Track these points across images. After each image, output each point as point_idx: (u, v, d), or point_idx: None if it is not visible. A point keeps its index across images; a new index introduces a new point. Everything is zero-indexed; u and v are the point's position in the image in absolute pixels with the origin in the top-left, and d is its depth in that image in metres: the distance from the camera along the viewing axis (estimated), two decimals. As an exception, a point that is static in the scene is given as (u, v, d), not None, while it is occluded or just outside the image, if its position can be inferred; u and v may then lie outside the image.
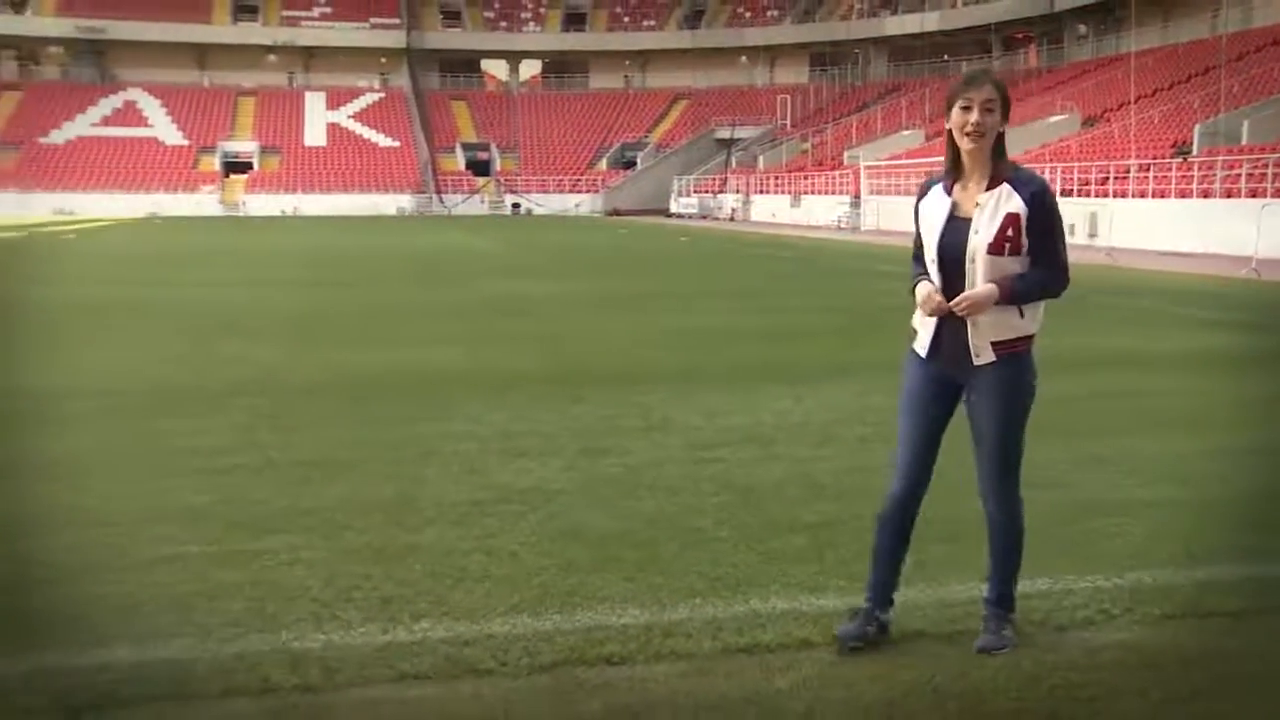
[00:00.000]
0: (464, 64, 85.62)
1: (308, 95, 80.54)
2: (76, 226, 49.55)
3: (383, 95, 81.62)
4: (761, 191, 62.53)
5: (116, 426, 8.23)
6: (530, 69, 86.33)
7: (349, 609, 4.52)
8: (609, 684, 3.90)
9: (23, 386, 9.89)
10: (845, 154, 58.91)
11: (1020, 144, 47.65)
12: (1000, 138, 4.03)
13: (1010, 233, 3.94)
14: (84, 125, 74.55)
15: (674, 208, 67.92)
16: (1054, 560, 5.05)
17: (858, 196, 49.80)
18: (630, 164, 77.52)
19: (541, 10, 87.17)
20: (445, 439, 7.59)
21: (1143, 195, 35.06)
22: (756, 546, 5.33)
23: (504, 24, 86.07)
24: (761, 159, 70.58)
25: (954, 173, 4.09)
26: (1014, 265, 3.96)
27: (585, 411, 8.58)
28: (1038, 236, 3.98)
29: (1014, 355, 4.08)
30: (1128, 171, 37.00)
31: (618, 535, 5.50)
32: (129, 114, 76.33)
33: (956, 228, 4.02)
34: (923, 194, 4.20)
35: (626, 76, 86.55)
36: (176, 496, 6.23)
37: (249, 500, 6.14)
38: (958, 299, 3.98)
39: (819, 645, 4.15)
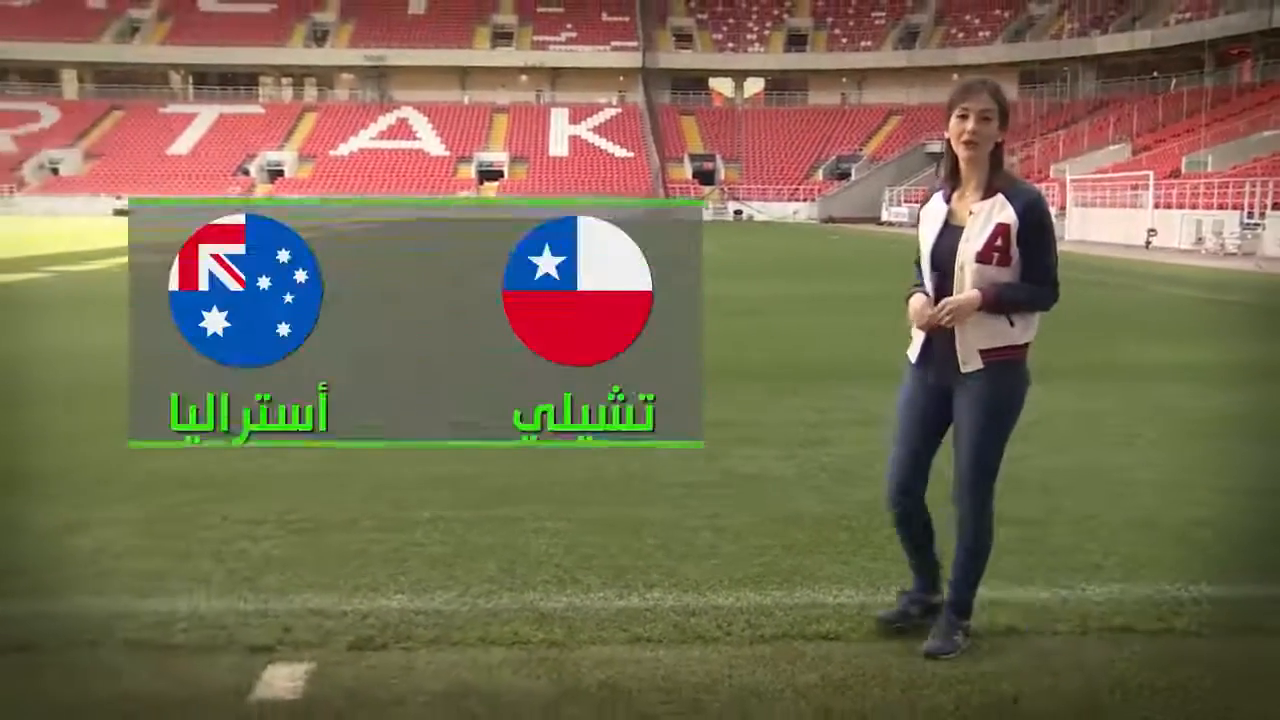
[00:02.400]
0: (693, 82, 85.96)
1: (553, 111, 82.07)
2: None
3: (619, 110, 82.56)
4: (969, 203, 60.75)
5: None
6: (754, 86, 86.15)
7: (588, 575, 4.59)
8: (826, 658, 3.85)
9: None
10: (1052, 167, 56.77)
11: (1228, 159, 45.13)
12: (998, 148, 3.77)
13: (1000, 243, 3.69)
14: (365, 139, 77.81)
15: (885, 216, 66.70)
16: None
17: (1063, 208, 47.88)
18: (845, 175, 76.44)
19: (766, 33, 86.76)
20: (674, 424, 7.63)
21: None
22: (965, 536, 5.19)
23: (731, 45, 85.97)
24: (969, 172, 68.64)
25: (952, 181, 3.85)
26: (1002, 275, 3.71)
27: (801, 404, 8.50)
28: (1029, 249, 3.71)
29: (1004, 364, 3.79)
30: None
31: (833, 520, 5.42)
32: (401, 129, 79.28)
33: (950, 235, 3.79)
34: (925, 201, 3.97)
35: (843, 93, 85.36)
36: (441, 465, 6.41)
37: (501, 473, 6.25)
38: (939, 305, 3.73)
39: (1026, 633, 4.02)
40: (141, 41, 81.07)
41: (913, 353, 3.96)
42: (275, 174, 74.37)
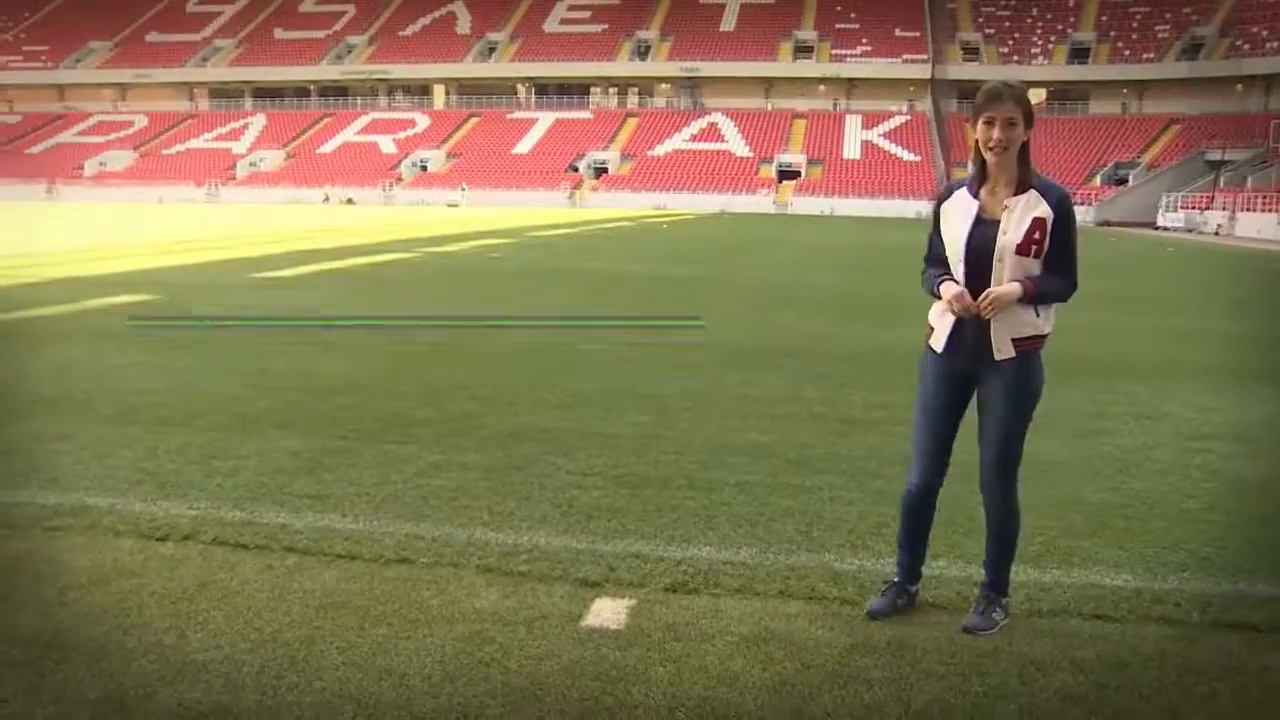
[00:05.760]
0: (978, 92, 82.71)
1: (847, 117, 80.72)
2: (669, 218, 52.62)
3: (909, 118, 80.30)
4: (1248, 210, 55.68)
5: (698, 374, 8.57)
6: (1036, 96, 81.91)
7: (878, 542, 4.49)
8: (1102, 636, 3.65)
9: (629, 339, 10.60)
10: (1336, 175, 51.17)
11: None
12: (1025, 146, 3.50)
13: (1037, 235, 3.49)
14: (678, 141, 78.99)
15: (1160, 221, 62.00)
16: None
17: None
18: (1122, 181, 71.51)
19: (1050, 46, 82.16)
20: (957, 408, 7.35)
21: None
22: (1244, 532, 4.77)
23: (1016, 58, 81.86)
24: (1250, 180, 62.78)
25: (979, 178, 3.58)
26: (1035, 267, 3.48)
27: (1077, 397, 8.01)
28: (1058, 242, 3.51)
29: (1032, 354, 3.62)
30: None
31: (1111, 507, 5.10)
32: (710, 132, 79.98)
33: (984, 229, 3.53)
34: (945, 197, 3.69)
35: (1124, 103, 79.90)
36: (743, 435, 6.44)
37: (798, 444, 6.23)
38: (984, 295, 3.48)
39: (1313, 631, 3.65)
40: (496, 59, 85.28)
41: (938, 342, 3.71)
42: (600, 171, 76.64)
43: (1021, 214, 3.53)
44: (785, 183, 74.23)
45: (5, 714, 3.02)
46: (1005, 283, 3.53)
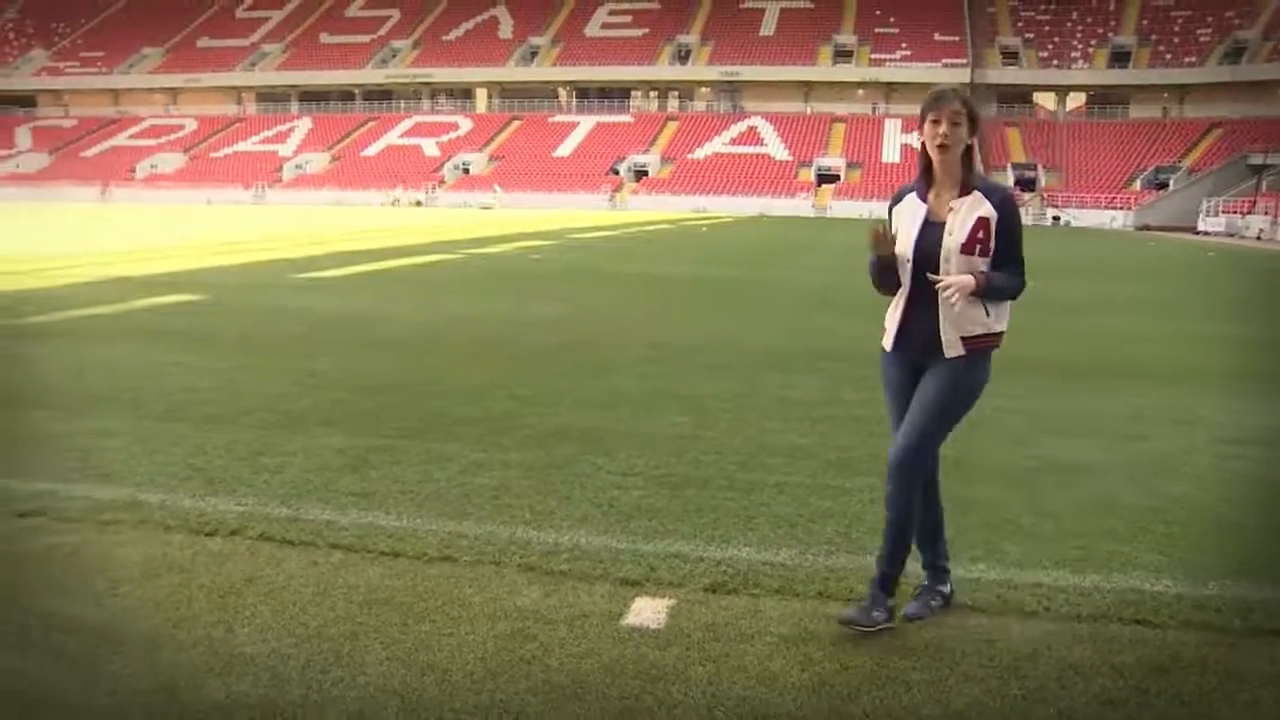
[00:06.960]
0: (1018, 96, 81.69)
1: (886, 122, 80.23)
2: (708, 221, 52.48)
3: (948, 122, 79.80)
4: (1290, 213, 54.72)
5: (737, 376, 8.54)
6: (1076, 99, 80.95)
7: (917, 544, 4.46)
8: (1142, 641, 3.59)
9: (667, 341, 10.59)
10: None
11: None
12: (969, 150, 3.52)
13: (981, 235, 3.50)
14: (718, 145, 78.85)
15: (1201, 226, 61.08)
16: None
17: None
18: (1162, 185, 70.48)
19: (1090, 50, 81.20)
20: (995, 412, 7.26)
21: None
22: (1287, 539, 4.70)
23: (1055, 62, 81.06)
24: (1293, 183, 61.76)
25: (926, 180, 3.60)
26: (981, 265, 3.53)
27: (1113, 400, 7.92)
28: (1003, 240, 3.53)
29: (982, 352, 3.62)
30: None
31: (1151, 511, 5.03)
32: (750, 136, 79.80)
33: (931, 230, 3.54)
34: (897, 200, 3.71)
35: (1164, 107, 78.79)
36: (782, 436, 6.41)
37: (837, 445, 6.19)
38: (942, 282, 3.46)
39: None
40: (538, 63, 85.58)
41: (888, 340, 3.75)
42: (640, 174, 76.66)
43: (966, 214, 3.55)
44: (824, 186, 73.87)
45: (66, 705, 3.06)
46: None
